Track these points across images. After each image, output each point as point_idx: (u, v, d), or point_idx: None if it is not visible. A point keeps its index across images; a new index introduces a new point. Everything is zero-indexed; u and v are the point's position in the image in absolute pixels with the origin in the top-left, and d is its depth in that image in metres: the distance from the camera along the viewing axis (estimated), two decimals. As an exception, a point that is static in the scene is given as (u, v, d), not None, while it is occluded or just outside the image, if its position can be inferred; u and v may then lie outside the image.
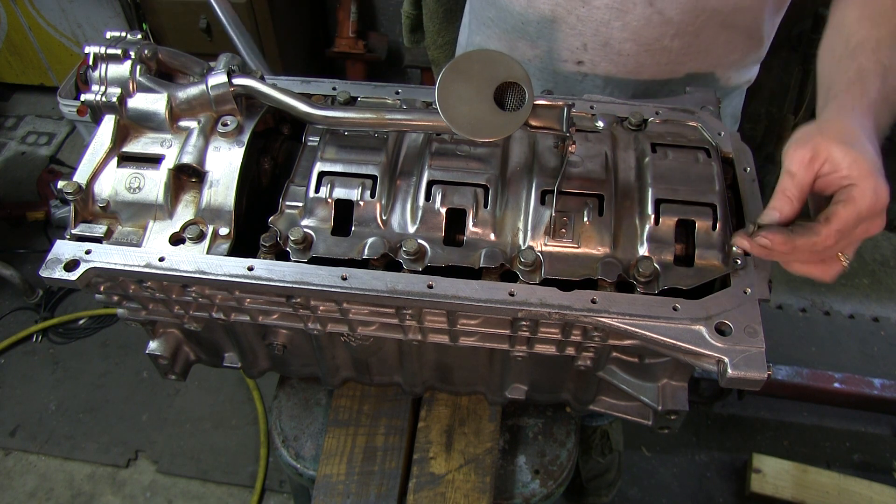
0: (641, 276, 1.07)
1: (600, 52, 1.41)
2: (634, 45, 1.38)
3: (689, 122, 1.25)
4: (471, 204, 1.13)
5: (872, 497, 2.59)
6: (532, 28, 1.46)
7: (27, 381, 3.13)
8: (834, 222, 0.97)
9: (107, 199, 1.15)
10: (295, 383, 1.56)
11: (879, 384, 2.73)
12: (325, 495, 1.35)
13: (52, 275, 1.08)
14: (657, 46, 1.39)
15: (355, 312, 1.15)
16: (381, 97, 1.31)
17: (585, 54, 1.43)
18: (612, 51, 1.40)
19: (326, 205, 1.15)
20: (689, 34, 1.37)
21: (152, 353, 1.34)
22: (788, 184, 1.00)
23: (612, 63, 1.43)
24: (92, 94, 1.17)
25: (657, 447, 2.88)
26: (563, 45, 1.44)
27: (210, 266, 1.09)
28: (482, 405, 1.46)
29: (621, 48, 1.40)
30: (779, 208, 1.00)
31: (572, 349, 1.16)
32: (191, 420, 3.00)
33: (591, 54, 1.43)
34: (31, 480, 2.85)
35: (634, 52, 1.40)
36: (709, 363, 1.00)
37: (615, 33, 1.37)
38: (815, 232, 0.98)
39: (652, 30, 1.35)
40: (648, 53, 1.40)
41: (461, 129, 1.03)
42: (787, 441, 2.90)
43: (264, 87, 1.17)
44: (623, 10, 1.33)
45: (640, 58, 1.41)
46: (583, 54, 1.44)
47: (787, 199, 1.00)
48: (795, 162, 0.99)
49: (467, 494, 1.34)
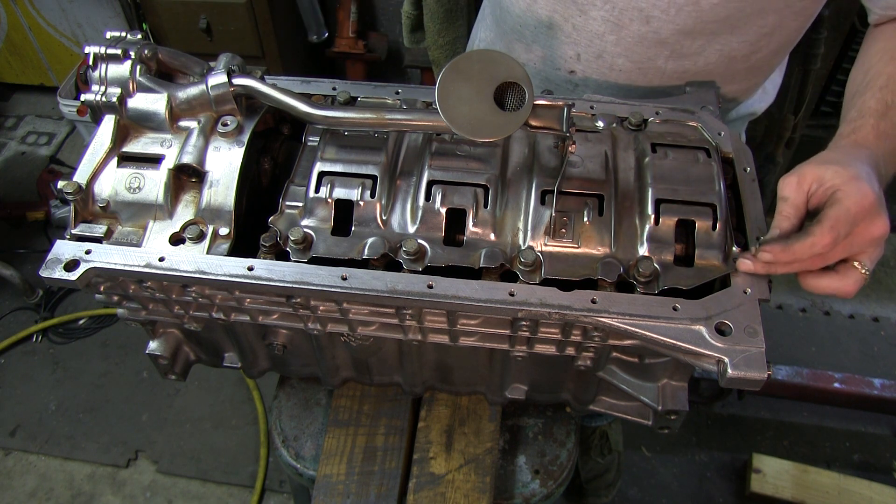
0: (641, 276, 1.07)
1: (593, 63, 1.41)
2: (627, 61, 1.37)
3: (689, 122, 1.25)
4: (471, 204, 1.13)
5: (872, 497, 2.59)
6: (529, 32, 1.45)
7: (27, 381, 3.13)
8: (825, 221, 1.00)
9: (107, 199, 1.15)
10: (295, 383, 1.56)
11: (879, 384, 2.73)
12: (325, 495, 1.35)
13: (52, 275, 1.08)
14: (650, 66, 1.37)
15: (355, 312, 1.15)
16: (381, 97, 1.31)
17: (578, 64, 1.43)
18: (604, 64, 1.40)
19: (326, 205, 1.15)
20: (685, 57, 1.35)
21: (152, 353, 1.34)
22: (783, 205, 1.06)
23: (604, 76, 1.42)
24: (92, 94, 1.17)
25: (657, 447, 2.88)
26: (557, 52, 1.44)
27: (210, 266, 1.09)
28: (482, 405, 1.45)
29: (614, 62, 1.38)
30: (778, 226, 1.05)
31: (572, 349, 1.16)
32: (191, 420, 3.00)
33: (583, 65, 1.42)
34: (31, 480, 2.85)
35: (627, 68, 1.38)
36: (709, 363, 1.00)
37: (609, 47, 1.36)
38: (808, 233, 1.01)
39: (646, 49, 1.34)
40: (641, 72, 1.39)
41: (461, 129, 1.03)
42: (787, 441, 2.90)
43: (264, 87, 1.17)
44: (619, 25, 1.32)
45: (633, 75, 1.40)
46: (575, 64, 1.43)
47: (784, 218, 1.05)
48: (785, 187, 1.06)
49: (467, 494, 1.34)
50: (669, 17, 1.27)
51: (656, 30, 1.30)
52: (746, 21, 1.28)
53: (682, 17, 1.26)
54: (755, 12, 1.26)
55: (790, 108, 2.96)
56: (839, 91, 2.95)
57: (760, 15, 1.27)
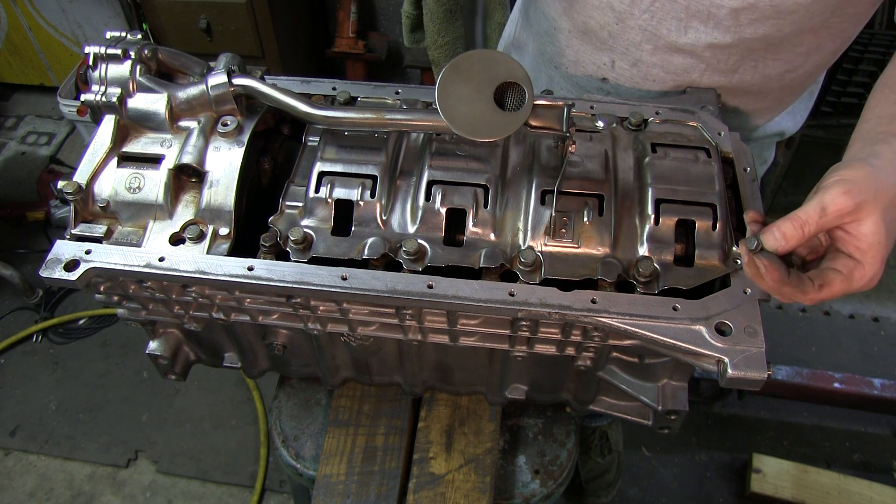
0: (641, 276, 1.07)
1: (627, 71, 1.38)
2: (662, 71, 1.35)
3: (689, 122, 1.25)
4: (471, 204, 1.13)
5: (872, 497, 2.59)
6: (563, 36, 1.42)
7: (27, 381, 3.13)
8: (824, 292, 0.98)
9: (107, 199, 1.15)
10: (295, 383, 1.56)
11: (879, 384, 2.73)
12: (325, 495, 1.35)
13: (52, 275, 1.08)
14: (685, 79, 1.35)
15: (355, 312, 1.15)
16: (381, 97, 1.31)
17: (612, 72, 1.40)
18: (639, 73, 1.37)
19: (326, 205, 1.15)
20: (720, 73, 1.33)
21: (152, 353, 1.34)
22: (813, 219, 0.97)
23: (637, 85, 1.39)
24: (92, 94, 1.17)
25: (657, 447, 2.88)
26: (591, 58, 1.41)
27: (210, 266, 1.09)
28: (482, 405, 1.45)
29: (649, 72, 1.36)
30: (788, 238, 0.98)
31: (572, 349, 1.16)
32: (191, 420, 3.00)
33: (617, 73, 1.39)
34: (31, 480, 2.85)
35: (662, 79, 1.36)
36: (709, 363, 1.00)
37: (645, 56, 1.33)
38: (803, 289, 0.98)
39: (682, 60, 1.31)
40: (675, 84, 1.37)
41: (461, 129, 1.03)
42: (787, 441, 2.90)
43: (264, 87, 1.17)
44: (656, 35, 1.29)
45: (667, 86, 1.38)
46: (609, 72, 1.40)
47: (800, 233, 0.97)
48: (836, 206, 0.96)
49: (467, 494, 1.34)
50: (707, 30, 1.25)
51: (693, 42, 1.27)
52: (784, 40, 1.25)
53: (720, 32, 1.24)
54: (794, 32, 1.23)
55: (790, 108, 2.96)
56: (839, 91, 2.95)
57: (798, 35, 1.25)
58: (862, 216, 0.96)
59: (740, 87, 1.36)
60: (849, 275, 0.97)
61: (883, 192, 0.97)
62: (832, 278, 0.98)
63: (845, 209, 0.95)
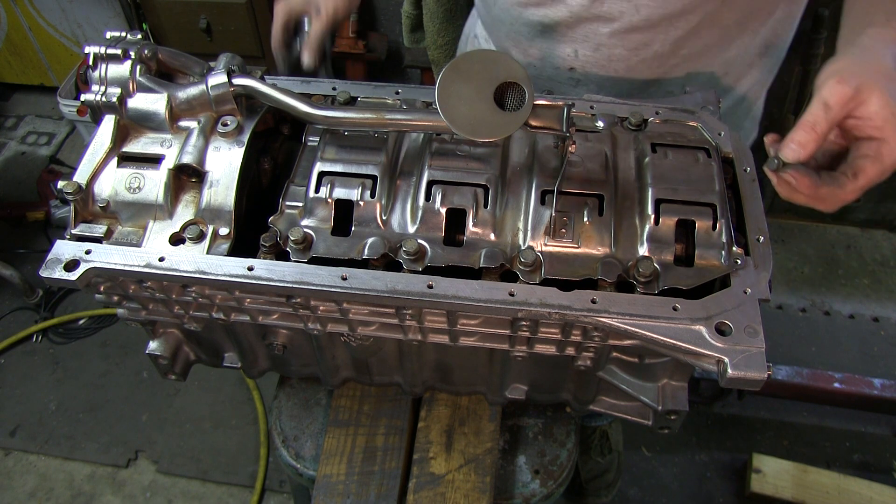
0: (641, 276, 1.07)
1: (591, 57, 1.42)
2: (623, 49, 1.39)
3: (689, 122, 1.25)
4: (471, 204, 1.13)
5: (872, 497, 2.59)
6: (524, 38, 1.47)
7: (27, 381, 3.13)
8: (861, 178, 0.97)
9: (107, 199, 1.15)
10: (295, 383, 1.56)
11: (879, 384, 2.74)
12: (325, 495, 1.35)
13: (52, 275, 1.08)
14: (647, 52, 1.39)
15: (355, 312, 1.15)
16: (381, 97, 1.31)
17: (576, 61, 1.44)
18: (602, 56, 1.41)
19: (326, 205, 1.15)
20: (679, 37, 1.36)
21: (152, 353, 1.34)
22: (821, 117, 0.97)
23: (603, 69, 1.43)
24: (92, 94, 1.17)
25: (657, 447, 2.88)
26: (554, 52, 1.45)
27: (210, 266, 1.09)
28: (482, 405, 1.45)
29: (611, 53, 1.40)
30: (804, 144, 0.97)
31: (572, 349, 1.16)
32: (191, 420, 3.00)
33: (581, 60, 1.44)
34: (31, 480, 2.85)
35: (624, 56, 1.40)
36: (709, 363, 1.00)
37: (604, 39, 1.38)
38: (840, 185, 0.97)
39: (640, 35, 1.36)
40: (639, 59, 1.40)
41: (461, 129, 1.03)
42: (787, 441, 2.90)
43: (264, 87, 1.17)
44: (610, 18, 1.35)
45: (631, 63, 1.41)
46: (574, 61, 1.44)
47: (814, 135, 0.96)
48: (835, 96, 0.96)
49: (467, 494, 1.34)
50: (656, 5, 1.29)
51: (647, 17, 1.32)
52: None
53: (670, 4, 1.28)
54: None
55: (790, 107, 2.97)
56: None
57: None
58: (865, 96, 0.96)
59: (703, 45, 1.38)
60: (877, 154, 0.96)
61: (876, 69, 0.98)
62: (862, 164, 0.97)
63: (846, 95, 0.96)
